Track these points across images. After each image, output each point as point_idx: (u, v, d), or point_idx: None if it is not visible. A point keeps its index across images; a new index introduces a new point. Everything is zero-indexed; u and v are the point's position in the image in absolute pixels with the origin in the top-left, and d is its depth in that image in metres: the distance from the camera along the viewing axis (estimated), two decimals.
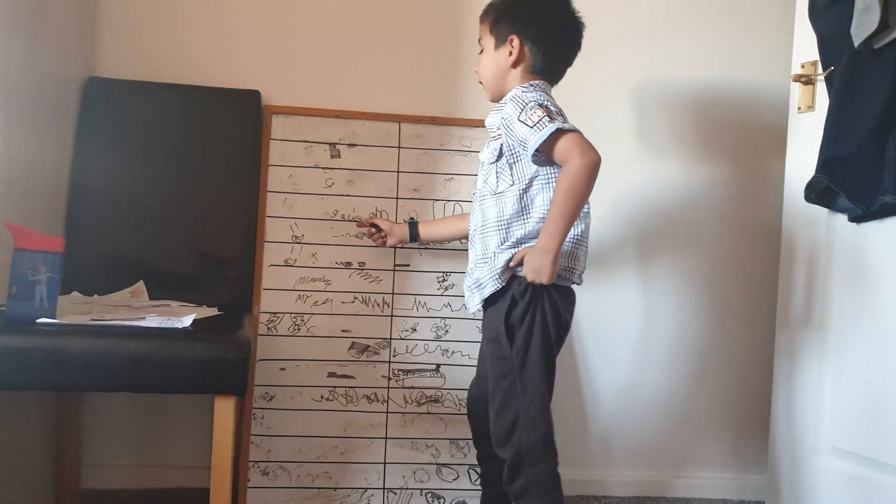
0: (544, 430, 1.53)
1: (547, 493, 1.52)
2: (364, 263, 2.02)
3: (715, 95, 2.22)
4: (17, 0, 1.58)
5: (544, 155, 1.53)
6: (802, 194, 1.86)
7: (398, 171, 2.05)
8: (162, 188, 1.94)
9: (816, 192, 1.83)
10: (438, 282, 2.04)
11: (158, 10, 2.05)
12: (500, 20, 1.65)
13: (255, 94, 2.02)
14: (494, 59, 1.66)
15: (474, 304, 1.64)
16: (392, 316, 2.02)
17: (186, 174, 1.95)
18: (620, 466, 2.21)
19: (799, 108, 1.97)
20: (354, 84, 2.11)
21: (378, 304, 2.02)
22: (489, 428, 1.61)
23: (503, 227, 1.58)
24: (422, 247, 2.03)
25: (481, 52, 1.70)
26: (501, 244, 1.57)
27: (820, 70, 1.89)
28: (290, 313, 1.98)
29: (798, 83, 1.96)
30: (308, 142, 2.04)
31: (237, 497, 1.87)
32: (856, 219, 1.82)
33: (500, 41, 1.64)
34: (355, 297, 2.01)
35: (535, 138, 1.49)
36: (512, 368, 1.55)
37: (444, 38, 2.15)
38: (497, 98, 1.68)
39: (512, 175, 1.58)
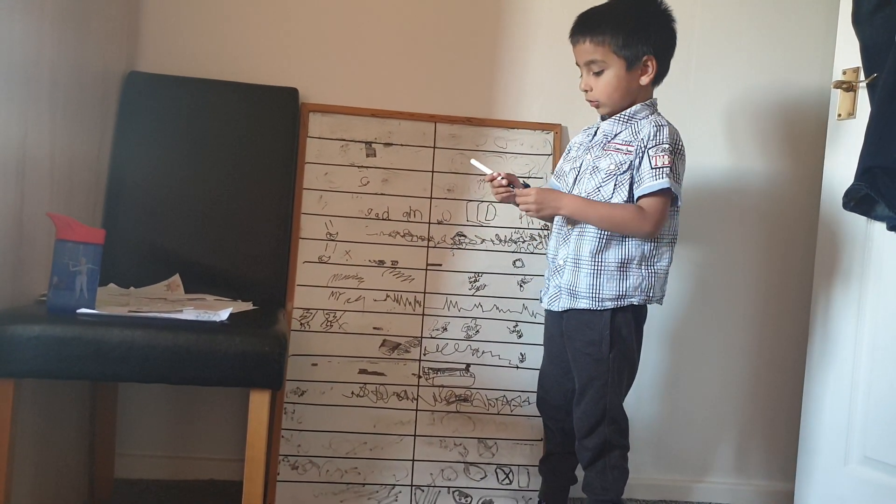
0: (625, 423, 1.73)
1: (621, 475, 1.72)
2: (397, 262, 2.03)
3: (753, 99, 2.20)
4: None
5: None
6: (840, 201, 1.84)
7: (433, 171, 2.06)
8: (199, 183, 1.96)
9: (855, 200, 1.81)
10: (470, 282, 2.05)
11: (199, 7, 2.07)
12: (630, 43, 1.65)
13: (293, 92, 2.03)
14: (626, 79, 1.67)
15: (561, 306, 1.72)
16: (423, 315, 2.03)
17: (224, 169, 1.97)
18: (644, 469, 2.20)
19: (839, 115, 1.95)
20: (391, 84, 2.12)
21: (410, 303, 2.03)
22: (573, 423, 1.76)
23: (604, 237, 1.66)
24: (454, 247, 2.04)
25: (599, 72, 1.67)
26: (594, 254, 1.66)
27: (862, 77, 1.87)
28: (323, 309, 2.00)
29: (839, 90, 1.94)
30: (344, 140, 2.05)
31: (267, 490, 1.88)
32: (895, 227, 1.80)
33: (634, 62, 1.66)
34: (387, 295, 2.02)
35: (649, 184, 1.62)
36: (608, 370, 1.68)
37: (481, 40, 2.15)
38: (617, 112, 1.71)
39: (630, 192, 1.66)
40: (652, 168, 1.62)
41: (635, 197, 1.64)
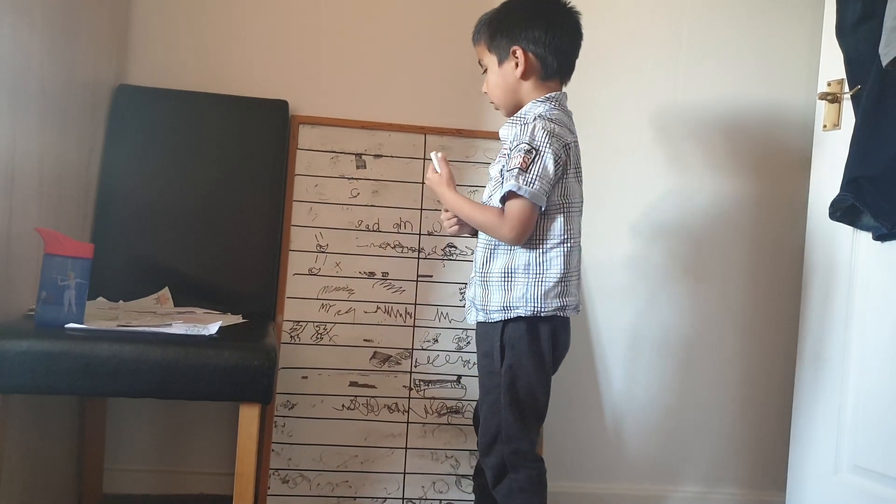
0: (523, 443, 1.57)
1: (529, 498, 1.57)
2: (387, 273, 2.03)
3: (740, 113, 2.22)
4: (52, 8, 1.61)
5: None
6: (826, 212, 1.85)
7: (423, 183, 2.06)
8: (188, 195, 1.95)
9: (841, 210, 1.82)
10: (461, 293, 2.05)
11: (189, 19, 2.07)
12: (496, 36, 1.63)
13: (282, 104, 2.03)
14: (501, 75, 1.64)
15: (470, 319, 1.67)
16: (414, 326, 2.03)
17: (213, 182, 1.97)
18: (635, 480, 2.20)
19: (825, 126, 1.96)
20: (381, 95, 2.12)
21: (400, 315, 2.03)
22: None
23: (491, 246, 1.59)
24: (445, 258, 2.04)
25: (485, 72, 1.68)
26: (483, 264, 1.60)
27: (846, 88, 1.88)
28: (313, 322, 1.99)
29: (824, 101, 1.95)
30: (334, 152, 2.05)
31: None
32: (881, 237, 1.81)
33: (503, 56, 1.63)
34: (378, 307, 2.02)
35: (503, 187, 1.52)
36: (499, 384, 1.58)
37: (470, 52, 2.13)
38: (513, 112, 1.66)
39: None
40: (508, 170, 1.52)
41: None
